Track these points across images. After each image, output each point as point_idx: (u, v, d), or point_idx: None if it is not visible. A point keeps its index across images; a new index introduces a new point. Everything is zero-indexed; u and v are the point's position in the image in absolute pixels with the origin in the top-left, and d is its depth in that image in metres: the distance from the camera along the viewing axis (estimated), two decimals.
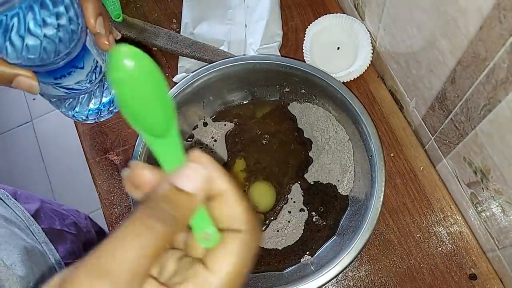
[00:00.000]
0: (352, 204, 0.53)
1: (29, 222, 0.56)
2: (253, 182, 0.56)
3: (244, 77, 0.55)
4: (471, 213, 0.52)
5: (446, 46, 0.42)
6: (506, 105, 0.36)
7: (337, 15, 0.61)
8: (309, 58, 0.60)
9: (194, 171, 0.22)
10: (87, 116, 0.50)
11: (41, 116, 1.60)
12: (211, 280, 0.21)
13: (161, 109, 0.22)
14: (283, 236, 0.53)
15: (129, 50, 0.21)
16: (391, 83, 0.60)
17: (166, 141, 0.23)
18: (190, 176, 0.22)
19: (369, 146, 0.49)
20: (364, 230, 0.45)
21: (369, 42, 0.59)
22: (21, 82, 0.36)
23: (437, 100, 0.49)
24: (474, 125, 0.43)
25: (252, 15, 0.64)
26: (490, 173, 0.44)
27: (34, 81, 0.37)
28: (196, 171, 0.22)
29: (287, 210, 0.54)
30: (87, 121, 0.51)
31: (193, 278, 0.22)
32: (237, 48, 0.63)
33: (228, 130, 0.58)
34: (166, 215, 0.20)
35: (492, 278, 0.52)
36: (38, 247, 0.54)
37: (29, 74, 0.36)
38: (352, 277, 0.53)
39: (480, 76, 0.39)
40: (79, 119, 0.50)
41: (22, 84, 0.36)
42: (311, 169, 0.55)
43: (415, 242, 0.54)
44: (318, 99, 0.55)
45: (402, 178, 0.57)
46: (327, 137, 0.55)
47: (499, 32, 0.33)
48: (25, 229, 0.54)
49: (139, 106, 0.22)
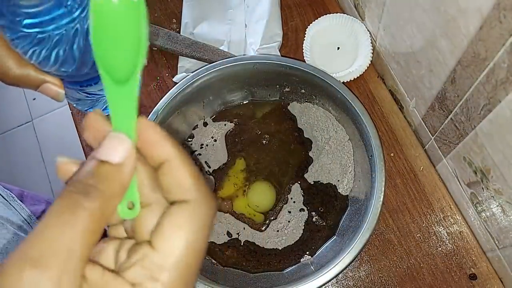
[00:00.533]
0: (352, 204, 0.53)
1: (35, 226, 0.55)
2: (253, 182, 0.56)
3: (244, 77, 0.55)
4: (471, 213, 0.52)
5: (446, 46, 0.42)
6: (506, 105, 0.36)
7: (337, 15, 0.61)
8: (309, 58, 0.60)
9: (116, 140, 0.20)
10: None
11: (41, 116, 1.60)
12: (158, 260, 0.19)
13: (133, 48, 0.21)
14: (283, 236, 0.53)
15: None
16: (391, 83, 0.60)
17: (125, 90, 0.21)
18: (115, 146, 0.20)
19: (369, 146, 0.49)
20: (364, 230, 0.45)
21: (369, 42, 0.59)
22: (48, 89, 0.35)
23: (437, 100, 0.49)
24: (474, 125, 0.43)
25: (252, 15, 0.64)
26: (490, 173, 0.44)
27: (61, 89, 0.36)
28: (119, 139, 0.20)
29: (287, 210, 0.54)
30: None
31: (141, 261, 0.19)
32: (237, 48, 0.63)
33: (228, 130, 0.58)
34: (91, 189, 0.19)
35: (492, 278, 0.52)
36: None
37: (57, 82, 0.35)
38: (352, 277, 0.53)
39: (480, 76, 0.39)
40: None
41: (48, 91, 0.35)
42: (311, 169, 0.55)
43: (415, 242, 0.54)
44: (318, 99, 0.55)
45: (402, 178, 0.57)
46: (327, 137, 0.55)
47: (499, 32, 0.33)
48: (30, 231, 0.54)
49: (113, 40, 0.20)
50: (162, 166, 0.21)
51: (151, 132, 0.21)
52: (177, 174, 0.21)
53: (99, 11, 0.20)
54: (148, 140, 0.21)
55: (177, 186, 0.21)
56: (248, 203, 0.55)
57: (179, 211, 0.20)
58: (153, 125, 0.21)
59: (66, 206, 0.18)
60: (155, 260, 0.19)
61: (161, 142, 0.21)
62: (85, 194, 0.18)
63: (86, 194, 0.18)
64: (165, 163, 0.21)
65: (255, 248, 0.53)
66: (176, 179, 0.21)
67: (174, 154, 0.21)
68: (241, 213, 0.55)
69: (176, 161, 0.21)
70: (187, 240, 0.20)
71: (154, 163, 0.22)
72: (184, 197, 0.21)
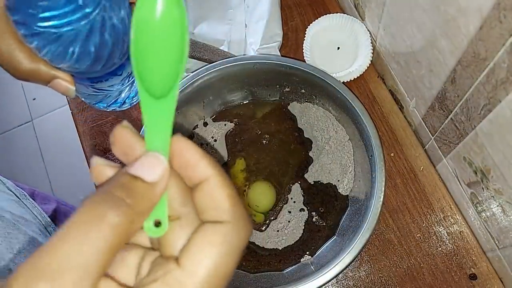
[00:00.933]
0: (352, 204, 0.53)
1: (47, 223, 0.55)
2: (253, 182, 0.56)
3: (244, 77, 0.55)
4: (471, 213, 0.52)
5: (446, 46, 0.42)
6: (506, 105, 0.36)
7: (337, 15, 0.61)
8: (309, 58, 0.60)
9: (153, 159, 0.20)
10: (108, 105, 0.50)
11: (41, 116, 1.60)
12: (183, 279, 0.18)
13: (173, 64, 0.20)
14: (283, 236, 0.53)
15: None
16: (391, 83, 0.60)
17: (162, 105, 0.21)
18: (151, 165, 0.19)
19: (369, 146, 0.49)
20: (364, 230, 0.45)
21: (369, 42, 0.59)
22: (58, 85, 0.34)
23: (437, 100, 0.49)
24: (474, 125, 0.43)
25: (252, 15, 0.64)
26: (490, 173, 0.44)
27: (71, 85, 0.35)
28: (156, 159, 0.20)
29: (287, 210, 0.54)
30: (107, 109, 0.51)
31: (163, 277, 0.18)
32: (237, 48, 0.63)
33: (228, 130, 0.58)
34: (119, 202, 0.18)
35: (492, 278, 0.52)
36: None
37: (68, 78, 0.35)
38: (352, 277, 0.53)
39: (480, 76, 0.39)
40: (100, 107, 0.51)
41: (58, 87, 0.34)
42: (311, 169, 0.55)
43: (415, 242, 0.54)
44: (318, 99, 0.55)
45: (402, 178, 0.57)
46: (327, 137, 0.55)
47: (499, 32, 0.33)
48: (44, 231, 0.53)
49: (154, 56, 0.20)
50: (199, 185, 0.20)
51: (189, 152, 0.20)
52: (215, 195, 0.20)
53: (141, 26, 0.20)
54: (185, 160, 0.20)
55: (214, 208, 0.20)
56: (248, 203, 0.55)
57: (212, 231, 0.19)
58: (191, 145, 0.21)
59: (90, 217, 0.17)
60: (178, 277, 0.18)
61: (199, 162, 0.20)
62: (111, 207, 0.17)
63: (113, 207, 0.17)
64: (203, 183, 0.20)
65: (255, 248, 0.53)
66: (214, 200, 0.20)
67: (212, 174, 0.20)
68: None
69: (215, 181, 0.20)
70: (215, 262, 0.19)
71: (190, 183, 0.21)
72: (220, 218, 0.20)
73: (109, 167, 0.21)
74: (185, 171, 0.21)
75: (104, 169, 0.21)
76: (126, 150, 0.21)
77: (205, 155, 0.20)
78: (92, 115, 0.64)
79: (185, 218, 0.20)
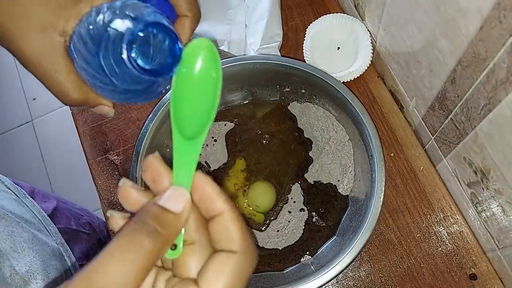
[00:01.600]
0: (352, 204, 0.53)
1: (46, 222, 0.55)
2: (253, 182, 0.56)
3: (244, 77, 0.55)
4: (471, 213, 0.52)
5: (446, 46, 0.42)
6: (506, 105, 0.36)
7: (337, 15, 0.61)
8: (309, 58, 0.60)
9: (179, 193, 0.23)
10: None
11: (41, 116, 1.60)
12: None
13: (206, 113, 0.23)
14: (283, 236, 0.53)
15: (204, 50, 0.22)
16: (391, 83, 0.60)
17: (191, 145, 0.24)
18: (178, 198, 0.23)
19: (369, 146, 0.49)
20: (364, 230, 0.45)
21: (369, 42, 0.59)
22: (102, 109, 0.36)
23: (437, 100, 0.49)
24: (474, 125, 0.43)
25: (252, 15, 0.64)
26: (490, 173, 0.44)
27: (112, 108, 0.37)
28: (180, 193, 0.23)
29: (287, 210, 0.54)
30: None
31: None
32: (237, 48, 0.63)
33: (228, 130, 0.58)
34: (153, 231, 0.21)
35: (492, 278, 0.52)
36: (58, 250, 0.53)
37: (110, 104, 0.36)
38: (352, 277, 0.53)
39: (480, 76, 0.39)
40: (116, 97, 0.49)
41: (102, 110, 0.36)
42: (311, 169, 0.55)
43: (415, 242, 0.54)
44: (318, 99, 0.55)
45: (402, 178, 0.57)
46: (327, 137, 0.55)
47: (499, 32, 0.33)
48: (43, 230, 0.53)
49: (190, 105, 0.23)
50: (214, 218, 0.24)
51: (208, 188, 0.24)
52: (228, 228, 0.23)
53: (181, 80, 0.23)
54: (205, 195, 0.24)
55: (226, 239, 0.23)
56: (248, 203, 0.55)
57: (226, 259, 0.23)
58: (210, 181, 0.24)
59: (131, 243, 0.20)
60: None
61: (216, 197, 0.24)
62: (148, 235, 0.21)
63: (150, 236, 0.21)
64: (218, 216, 0.24)
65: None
66: (227, 232, 0.23)
67: (227, 209, 0.24)
68: (241, 213, 0.55)
69: (228, 216, 0.24)
70: (229, 286, 0.22)
71: (207, 214, 0.24)
72: (231, 248, 0.23)
73: (135, 189, 0.24)
74: (204, 203, 0.24)
75: (131, 191, 0.24)
76: (155, 177, 0.24)
77: (222, 192, 0.24)
78: (92, 115, 0.64)
79: (198, 244, 0.24)
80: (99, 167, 0.61)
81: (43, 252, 0.48)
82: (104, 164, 0.61)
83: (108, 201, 0.59)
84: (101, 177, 0.60)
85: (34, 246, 0.48)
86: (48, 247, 0.50)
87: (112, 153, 0.61)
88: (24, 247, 0.46)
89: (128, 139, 0.62)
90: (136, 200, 0.24)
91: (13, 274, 0.43)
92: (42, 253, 0.48)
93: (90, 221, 0.70)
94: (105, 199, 0.59)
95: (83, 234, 0.65)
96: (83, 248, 0.63)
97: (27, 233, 0.48)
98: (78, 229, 0.64)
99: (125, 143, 0.62)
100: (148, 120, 0.51)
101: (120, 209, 0.59)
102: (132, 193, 0.24)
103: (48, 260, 0.48)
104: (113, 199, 0.59)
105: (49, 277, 0.47)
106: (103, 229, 0.75)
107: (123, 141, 0.62)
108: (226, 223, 0.24)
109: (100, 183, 0.60)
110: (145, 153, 0.51)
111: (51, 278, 0.47)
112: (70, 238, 0.60)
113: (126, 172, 0.60)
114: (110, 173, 0.60)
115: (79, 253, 0.61)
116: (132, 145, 0.61)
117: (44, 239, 0.51)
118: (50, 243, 0.52)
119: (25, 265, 0.45)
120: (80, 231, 0.65)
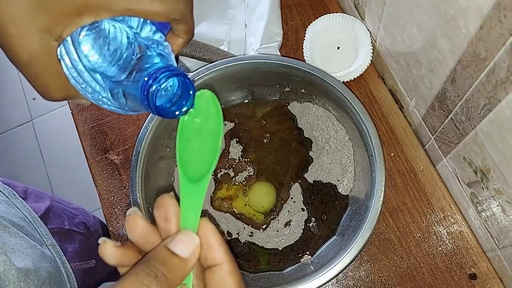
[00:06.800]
0: (352, 203, 0.53)
1: (36, 224, 0.55)
2: (254, 182, 0.56)
3: (244, 77, 0.55)
4: (471, 212, 0.52)
5: (446, 45, 0.42)
6: (506, 104, 0.36)
7: (337, 15, 0.61)
8: (309, 57, 0.60)
9: (189, 238, 0.24)
10: None
11: (41, 116, 1.60)
12: None
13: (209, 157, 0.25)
14: (283, 236, 0.53)
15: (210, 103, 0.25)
16: (391, 82, 0.60)
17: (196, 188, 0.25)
18: (185, 242, 0.24)
19: (369, 146, 0.49)
20: (364, 229, 0.45)
21: (369, 42, 0.59)
22: (79, 101, 0.35)
23: (437, 100, 0.49)
24: (474, 124, 0.43)
25: (252, 14, 0.64)
26: (490, 172, 0.44)
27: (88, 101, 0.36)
28: (191, 238, 0.24)
29: (287, 210, 0.54)
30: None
31: None
32: (237, 48, 0.63)
33: (228, 129, 0.58)
34: (161, 275, 0.22)
35: (492, 278, 0.52)
36: (48, 252, 0.53)
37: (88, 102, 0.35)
38: (352, 276, 0.53)
39: (480, 76, 0.39)
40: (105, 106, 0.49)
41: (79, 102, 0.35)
42: (311, 169, 0.55)
43: (415, 241, 0.54)
44: (318, 99, 0.55)
45: (402, 177, 0.57)
46: (327, 137, 0.55)
47: (499, 31, 0.33)
48: (33, 231, 0.53)
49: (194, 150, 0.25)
50: (212, 267, 0.25)
51: (211, 237, 0.25)
52: (226, 282, 0.24)
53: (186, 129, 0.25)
54: (208, 243, 0.25)
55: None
56: (248, 203, 0.55)
57: None
58: (214, 230, 0.25)
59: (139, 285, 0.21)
60: None
61: (217, 247, 0.24)
62: (156, 278, 0.22)
63: (157, 279, 0.22)
64: (216, 266, 0.24)
65: (255, 248, 0.53)
66: (225, 283, 0.24)
67: (226, 261, 0.24)
68: (241, 213, 0.55)
69: (226, 268, 0.24)
70: None
71: (204, 262, 0.25)
72: None
73: (143, 220, 0.25)
74: (204, 251, 0.25)
75: (139, 222, 0.25)
76: (167, 215, 0.25)
77: (223, 242, 0.25)
78: (92, 115, 0.64)
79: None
80: (99, 167, 0.61)
81: (33, 254, 0.48)
82: (104, 164, 0.61)
83: (108, 200, 0.59)
84: (101, 176, 0.60)
85: (24, 249, 0.47)
86: (38, 250, 0.50)
87: (112, 153, 0.61)
88: (14, 249, 0.46)
89: (128, 139, 0.62)
90: (142, 232, 0.25)
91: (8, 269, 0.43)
92: (32, 255, 0.48)
93: (85, 221, 0.70)
94: (105, 198, 0.59)
95: (76, 234, 0.65)
96: (77, 247, 0.62)
97: (14, 238, 0.48)
98: (72, 228, 0.64)
99: (125, 143, 0.62)
100: (148, 120, 0.51)
101: (119, 209, 0.59)
102: (139, 224, 0.25)
103: (38, 262, 0.48)
104: (113, 199, 0.59)
105: (39, 279, 0.47)
106: (98, 228, 0.75)
107: (123, 141, 0.62)
108: (224, 276, 0.24)
109: (100, 183, 0.60)
110: (145, 153, 0.51)
111: (41, 281, 0.47)
112: (62, 238, 0.59)
113: (126, 172, 0.60)
114: (110, 173, 0.60)
115: (72, 253, 0.60)
116: (132, 145, 0.61)
117: (33, 242, 0.51)
118: (39, 246, 0.51)
119: (19, 263, 0.45)
120: (74, 230, 0.65)
